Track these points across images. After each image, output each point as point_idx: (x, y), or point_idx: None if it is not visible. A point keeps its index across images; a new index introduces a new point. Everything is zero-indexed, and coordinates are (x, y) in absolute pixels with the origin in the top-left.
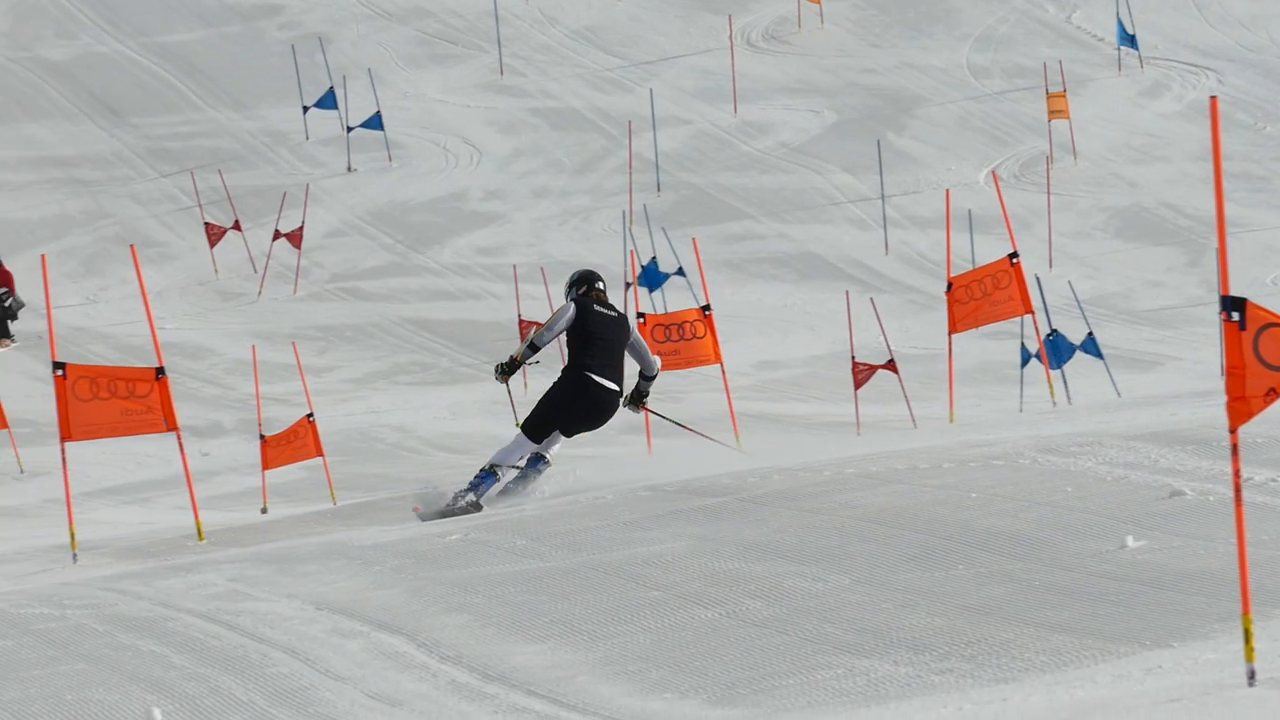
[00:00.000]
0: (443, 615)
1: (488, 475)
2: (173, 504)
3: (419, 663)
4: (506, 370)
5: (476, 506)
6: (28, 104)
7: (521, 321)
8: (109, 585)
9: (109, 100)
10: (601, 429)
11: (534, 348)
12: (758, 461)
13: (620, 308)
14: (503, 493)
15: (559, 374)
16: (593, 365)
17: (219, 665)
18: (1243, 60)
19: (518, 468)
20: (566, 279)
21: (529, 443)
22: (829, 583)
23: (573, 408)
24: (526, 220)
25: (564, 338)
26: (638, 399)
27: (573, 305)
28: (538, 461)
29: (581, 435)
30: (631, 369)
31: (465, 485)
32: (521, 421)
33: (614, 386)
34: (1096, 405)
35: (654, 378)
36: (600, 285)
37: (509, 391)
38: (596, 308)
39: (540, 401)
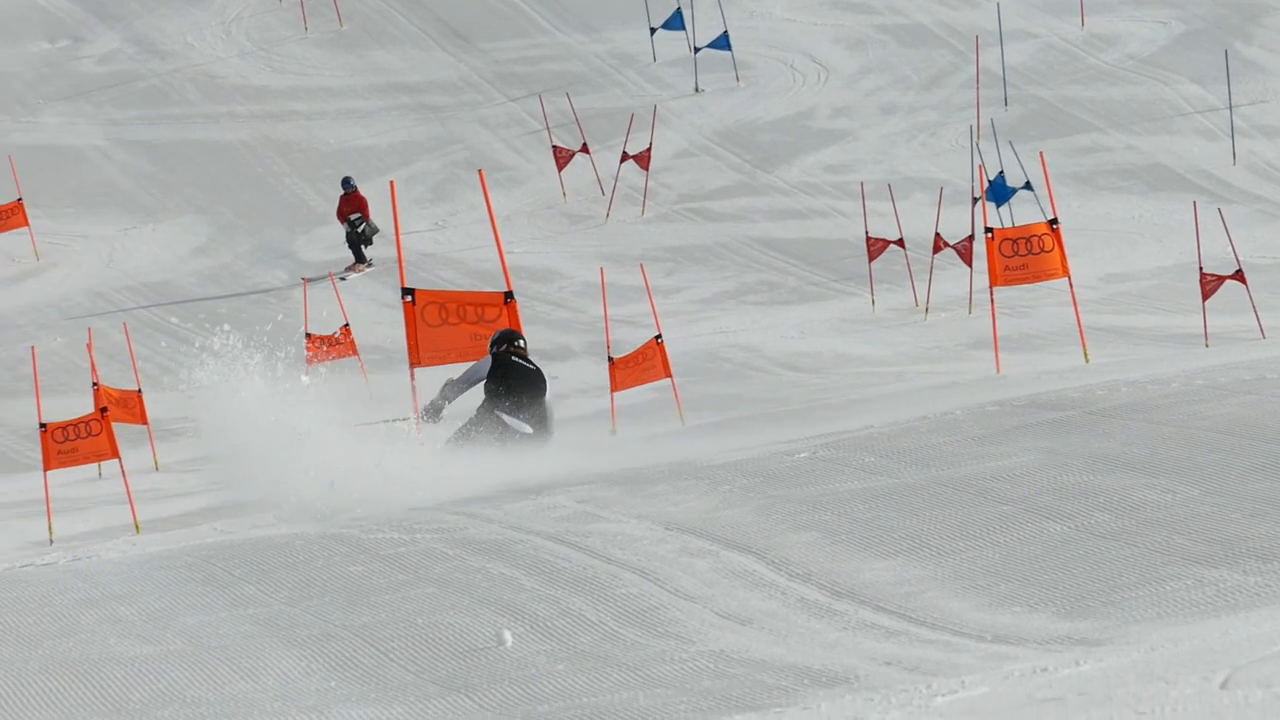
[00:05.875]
0: (791, 533)
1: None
2: None
3: (768, 581)
4: (430, 414)
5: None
6: (376, 31)
7: (869, 239)
8: (458, 509)
9: (456, 25)
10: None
11: (444, 397)
12: (1105, 375)
13: (969, 224)
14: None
15: (474, 413)
16: (508, 408)
17: (569, 587)
18: None
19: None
20: (490, 338)
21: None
22: (1177, 494)
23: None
24: (874, 137)
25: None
26: None
27: (490, 359)
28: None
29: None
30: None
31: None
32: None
33: (526, 429)
34: None
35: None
36: (520, 343)
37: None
38: (515, 358)
39: (454, 435)
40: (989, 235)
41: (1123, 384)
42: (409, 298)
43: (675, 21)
